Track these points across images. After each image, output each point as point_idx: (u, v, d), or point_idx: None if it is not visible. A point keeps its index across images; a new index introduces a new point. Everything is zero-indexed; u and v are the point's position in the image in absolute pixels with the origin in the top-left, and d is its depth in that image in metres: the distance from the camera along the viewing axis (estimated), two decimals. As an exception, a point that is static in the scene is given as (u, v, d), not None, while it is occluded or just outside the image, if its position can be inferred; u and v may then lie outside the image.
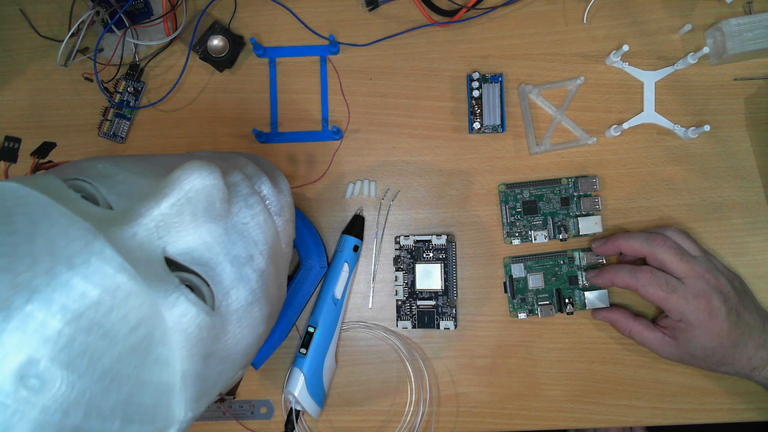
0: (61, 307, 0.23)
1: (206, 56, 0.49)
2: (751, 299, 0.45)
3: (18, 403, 0.22)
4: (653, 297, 0.43)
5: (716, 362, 0.43)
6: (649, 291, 0.43)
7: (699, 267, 0.43)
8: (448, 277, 0.48)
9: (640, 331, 0.45)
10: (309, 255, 0.48)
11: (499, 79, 0.49)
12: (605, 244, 0.46)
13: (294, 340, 0.49)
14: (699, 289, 0.42)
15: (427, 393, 0.48)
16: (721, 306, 0.42)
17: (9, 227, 0.25)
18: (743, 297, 0.44)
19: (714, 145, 0.49)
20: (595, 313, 0.47)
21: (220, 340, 0.30)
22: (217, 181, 0.29)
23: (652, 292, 0.42)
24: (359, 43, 0.51)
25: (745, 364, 0.42)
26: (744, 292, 0.45)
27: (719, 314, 0.41)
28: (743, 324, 0.42)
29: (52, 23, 0.51)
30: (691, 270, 0.42)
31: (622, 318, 0.46)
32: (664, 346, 0.44)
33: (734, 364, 0.43)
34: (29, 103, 0.51)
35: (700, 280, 0.42)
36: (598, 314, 0.47)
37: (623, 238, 0.45)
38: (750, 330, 0.42)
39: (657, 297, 0.42)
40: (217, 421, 0.49)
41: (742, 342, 0.42)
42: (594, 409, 0.48)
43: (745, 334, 0.42)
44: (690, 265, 0.43)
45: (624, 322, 0.46)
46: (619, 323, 0.46)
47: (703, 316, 0.41)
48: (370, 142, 0.50)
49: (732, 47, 0.47)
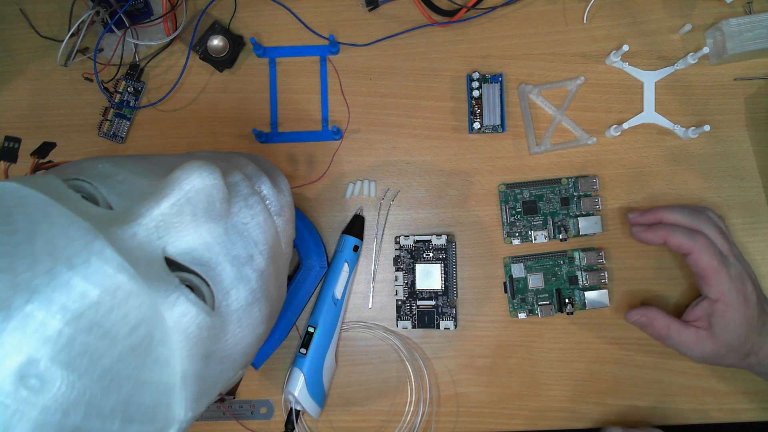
0: (61, 307, 0.23)
1: (206, 56, 0.49)
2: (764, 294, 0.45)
3: (18, 403, 0.22)
4: (706, 265, 0.41)
5: (746, 352, 0.42)
6: (703, 257, 0.41)
7: (737, 250, 0.44)
8: (448, 277, 0.48)
9: (678, 329, 0.43)
10: (309, 255, 0.48)
11: (499, 79, 0.49)
12: (644, 215, 0.45)
13: (294, 340, 0.49)
14: (738, 271, 0.42)
15: (427, 393, 0.48)
16: (753, 291, 0.42)
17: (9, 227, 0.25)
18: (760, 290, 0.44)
19: (714, 145, 0.49)
20: (630, 314, 0.46)
21: (220, 340, 0.30)
22: (217, 181, 0.29)
23: (707, 260, 0.41)
24: (359, 43, 0.51)
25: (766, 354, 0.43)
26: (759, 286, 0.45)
27: (752, 299, 0.42)
28: (766, 314, 0.43)
29: (52, 23, 0.51)
30: (731, 252, 0.43)
31: (660, 316, 0.44)
32: (701, 342, 0.43)
33: (758, 355, 0.43)
34: (29, 103, 0.51)
35: (738, 263, 0.43)
36: (633, 315, 0.45)
37: (665, 210, 0.44)
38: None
39: (710, 266, 0.41)
40: (217, 421, 0.49)
41: (766, 331, 0.42)
42: (594, 409, 0.48)
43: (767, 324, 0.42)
44: (730, 247, 0.43)
45: (662, 319, 0.44)
46: (656, 321, 0.44)
47: (740, 298, 0.41)
48: (370, 142, 0.50)
49: (732, 47, 0.47)
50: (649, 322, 0.45)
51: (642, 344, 0.48)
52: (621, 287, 0.48)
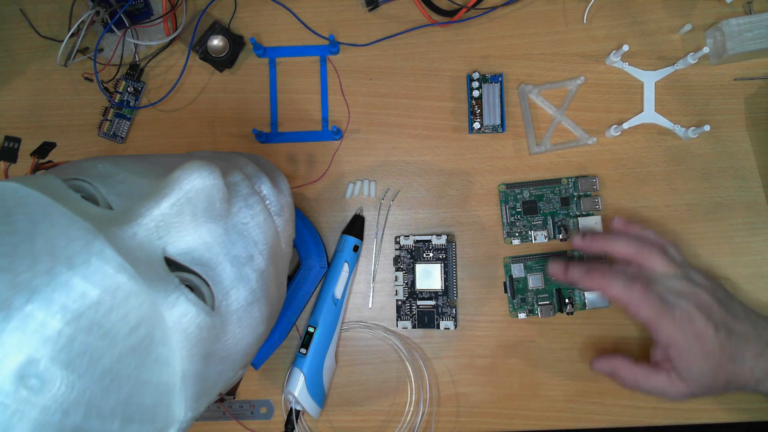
0: (61, 307, 0.23)
1: (206, 56, 0.49)
2: (738, 305, 0.42)
3: (18, 403, 0.22)
4: (645, 316, 0.39)
5: (723, 384, 0.40)
6: (641, 310, 0.39)
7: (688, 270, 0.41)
8: (448, 277, 0.48)
9: (647, 376, 0.41)
10: (309, 255, 0.48)
11: (499, 79, 0.49)
12: (590, 241, 0.43)
13: (294, 340, 0.49)
14: (683, 310, 0.39)
15: (427, 393, 0.48)
16: (707, 324, 0.39)
17: (9, 227, 0.25)
18: (729, 305, 0.41)
19: (714, 145, 0.49)
20: (594, 363, 0.44)
21: (220, 340, 0.30)
22: (217, 181, 0.29)
23: (645, 312, 0.39)
24: (359, 43, 0.51)
25: (749, 377, 0.40)
26: (729, 299, 0.42)
27: (707, 332, 0.39)
28: (735, 336, 0.40)
29: (52, 23, 0.51)
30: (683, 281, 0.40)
31: (625, 366, 0.42)
32: (673, 386, 0.40)
33: (738, 380, 0.40)
34: (29, 103, 0.51)
35: (680, 298, 0.39)
36: (597, 364, 0.44)
37: (610, 239, 0.42)
38: (744, 340, 0.40)
39: (649, 317, 0.39)
40: (217, 421, 0.49)
41: (739, 354, 0.39)
42: (594, 409, 0.48)
43: (740, 345, 0.39)
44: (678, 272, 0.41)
45: (628, 369, 0.42)
46: (622, 371, 0.42)
47: (690, 338, 0.39)
48: (370, 142, 0.50)
49: (732, 47, 0.47)
50: (614, 372, 0.43)
51: (642, 344, 0.48)
52: (621, 287, 0.48)
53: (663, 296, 0.39)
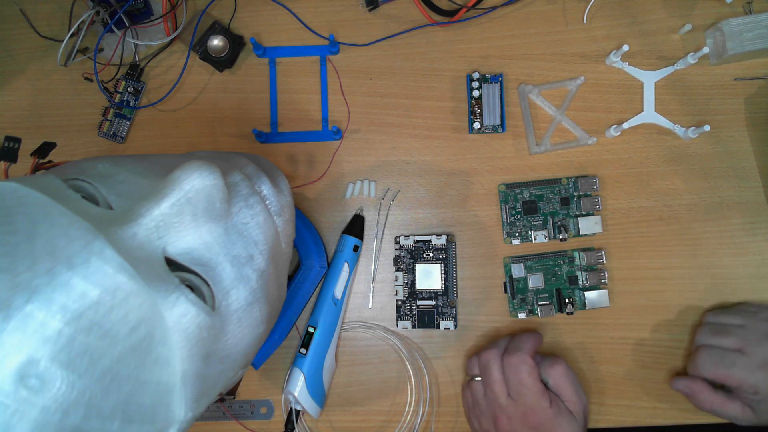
0: (61, 307, 0.23)
1: (206, 56, 0.49)
2: None
3: (18, 403, 0.22)
4: (717, 377, 0.42)
5: None
6: (710, 372, 0.42)
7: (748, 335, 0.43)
8: (448, 277, 0.48)
9: (722, 404, 0.43)
10: (309, 255, 0.48)
11: (499, 79, 0.49)
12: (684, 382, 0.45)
13: (294, 340, 0.49)
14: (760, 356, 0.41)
15: (427, 393, 0.48)
16: None
17: (9, 227, 0.25)
18: None
19: (714, 145, 0.49)
20: (675, 382, 0.45)
21: (220, 340, 0.30)
22: (217, 181, 0.29)
23: (712, 372, 0.42)
24: (359, 43, 0.51)
25: None
26: None
27: None
28: None
29: (52, 23, 0.51)
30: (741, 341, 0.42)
31: (706, 391, 0.44)
32: (744, 416, 0.43)
33: None
34: (29, 103, 0.51)
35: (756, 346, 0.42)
36: (678, 384, 0.45)
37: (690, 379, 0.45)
38: None
39: (721, 376, 0.42)
40: (217, 421, 0.49)
41: None
42: (594, 409, 0.48)
43: None
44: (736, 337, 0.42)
45: (707, 395, 0.43)
46: (702, 395, 0.44)
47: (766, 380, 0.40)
48: (370, 142, 0.50)
49: (732, 47, 0.47)
50: (693, 395, 0.44)
51: (642, 344, 0.48)
52: (621, 287, 0.48)
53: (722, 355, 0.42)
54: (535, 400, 0.40)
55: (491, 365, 0.42)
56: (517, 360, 0.41)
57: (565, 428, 0.40)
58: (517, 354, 0.42)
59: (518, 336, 0.44)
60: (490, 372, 0.42)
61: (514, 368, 0.41)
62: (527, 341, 0.43)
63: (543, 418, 0.40)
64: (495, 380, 0.42)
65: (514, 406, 0.41)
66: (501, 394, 0.41)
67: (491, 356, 0.43)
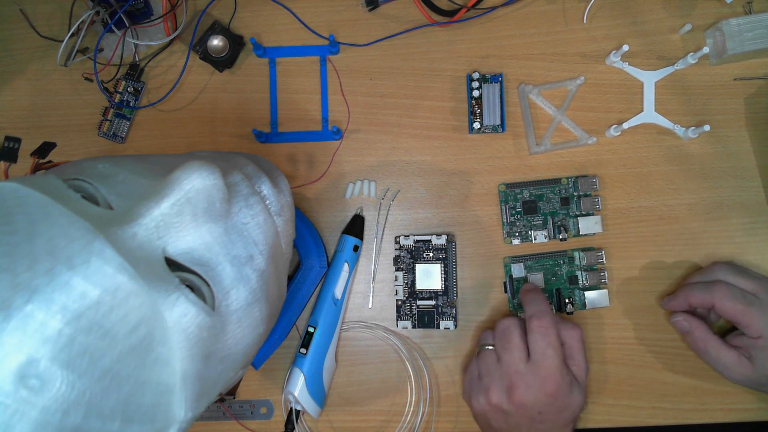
0: (61, 307, 0.23)
1: (206, 56, 0.49)
2: None
3: (18, 403, 0.22)
4: (731, 310, 0.42)
5: None
6: (726, 304, 0.42)
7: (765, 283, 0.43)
8: (448, 277, 0.48)
9: (717, 347, 0.43)
10: (309, 255, 0.48)
11: (499, 79, 0.49)
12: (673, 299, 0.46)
13: (294, 340, 0.49)
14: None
15: (427, 393, 0.48)
16: None
17: (9, 227, 0.25)
18: None
19: (714, 145, 0.49)
20: (674, 315, 0.45)
21: (220, 340, 0.30)
22: (217, 181, 0.29)
23: (729, 305, 0.42)
24: (359, 43, 0.51)
25: None
26: None
27: None
28: None
29: (52, 23, 0.51)
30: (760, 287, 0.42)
31: (703, 328, 0.44)
32: (739, 367, 0.42)
33: None
34: (29, 103, 0.51)
35: None
36: (677, 316, 0.45)
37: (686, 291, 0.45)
38: None
39: (735, 310, 0.42)
40: (217, 421, 0.49)
41: None
42: (594, 409, 0.48)
43: None
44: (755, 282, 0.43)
45: (703, 333, 0.44)
46: (697, 333, 0.44)
47: None
48: (370, 142, 0.50)
49: (732, 47, 0.47)
50: (690, 330, 0.44)
51: (642, 344, 0.48)
52: (621, 287, 0.48)
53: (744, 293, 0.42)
54: (558, 366, 0.39)
55: (512, 330, 0.41)
56: (548, 322, 0.40)
57: (577, 397, 0.40)
58: (547, 316, 0.41)
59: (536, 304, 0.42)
60: (511, 337, 0.41)
61: (543, 331, 0.40)
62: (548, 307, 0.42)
63: (561, 385, 0.39)
64: (515, 345, 0.41)
65: (534, 372, 0.40)
66: (521, 360, 0.40)
67: (511, 322, 0.42)
